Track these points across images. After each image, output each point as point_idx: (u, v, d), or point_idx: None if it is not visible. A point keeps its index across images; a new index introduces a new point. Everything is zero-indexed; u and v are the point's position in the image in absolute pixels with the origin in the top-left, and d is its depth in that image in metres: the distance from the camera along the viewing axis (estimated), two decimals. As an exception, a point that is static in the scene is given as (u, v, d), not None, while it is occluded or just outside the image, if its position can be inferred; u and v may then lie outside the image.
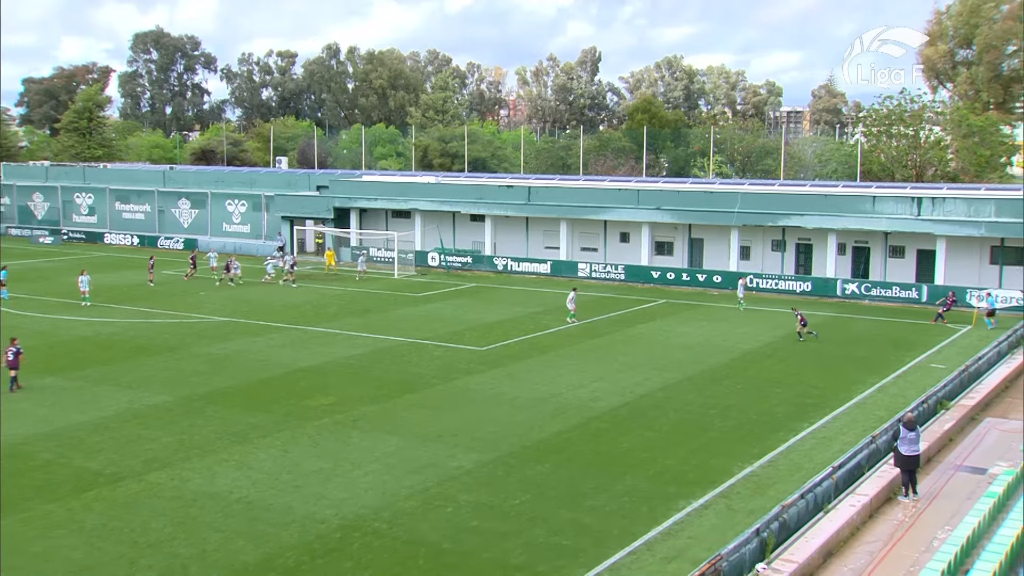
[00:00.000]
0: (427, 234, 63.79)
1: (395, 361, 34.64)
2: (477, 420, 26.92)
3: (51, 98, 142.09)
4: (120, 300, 46.98)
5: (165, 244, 72.72)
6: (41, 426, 25.75)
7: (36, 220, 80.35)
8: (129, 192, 76.96)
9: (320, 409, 27.74)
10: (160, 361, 34.01)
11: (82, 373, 31.79)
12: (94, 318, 42.29)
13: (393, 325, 41.61)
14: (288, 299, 48.95)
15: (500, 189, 62.55)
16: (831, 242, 52.68)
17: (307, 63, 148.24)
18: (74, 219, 79.02)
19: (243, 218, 71.27)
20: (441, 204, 62.84)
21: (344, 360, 34.62)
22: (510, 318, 43.26)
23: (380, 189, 65.96)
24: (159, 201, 74.88)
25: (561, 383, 31.34)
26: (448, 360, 34.77)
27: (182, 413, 27.26)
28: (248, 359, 34.49)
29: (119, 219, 76.70)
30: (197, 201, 73.41)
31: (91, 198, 78.36)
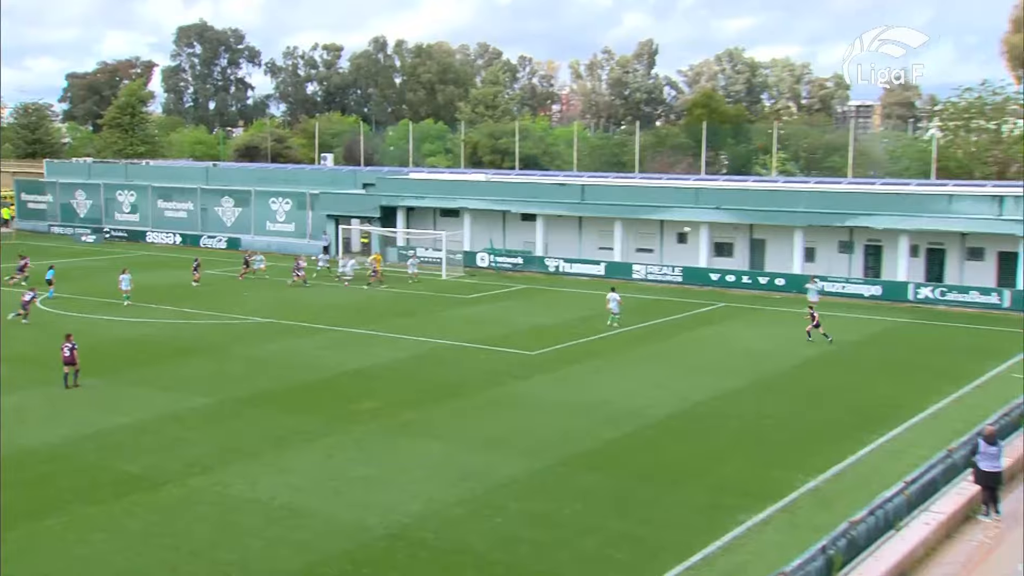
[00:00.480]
0: (477, 234, 63.98)
1: (442, 365, 34.78)
2: (526, 427, 26.93)
3: (94, 93, 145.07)
4: (161, 300, 47.79)
5: (208, 243, 73.83)
6: (82, 428, 26.28)
7: (79, 218, 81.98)
8: (171, 190, 78.29)
9: (365, 413, 27.94)
10: (201, 363, 34.52)
11: (123, 374, 32.36)
12: (134, 319, 43.05)
13: (440, 328, 41.80)
14: (331, 300, 49.38)
15: (552, 187, 62.52)
16: (903, 244, 51.83)
17: (353, 57, 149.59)
18: (116, 217, 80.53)
19: (287, 217, 72.09)
20: (491, 203, 63.00)
21: (389, 363, 34.83)
22: (561, 321, 43.22)
23: (428, 187, 66.31)
24: (202, 199, 76.03)
25: (614, 389, 31.23)
26: (497, 364, 34.82)
27: (223, 416, 27.64)
28: (291, 361, 34.85)
29: (161, 217, 78.03)
30: (240, 199, 74.41)
31: (133, 196, 79.82)
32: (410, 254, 61.12)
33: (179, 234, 75.48)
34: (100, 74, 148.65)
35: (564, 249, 61.68)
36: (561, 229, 62.30)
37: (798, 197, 54.93)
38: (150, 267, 60.36)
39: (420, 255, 63.54)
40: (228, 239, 73.25)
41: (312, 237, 70.37)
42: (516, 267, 61.08)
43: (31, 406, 28.54)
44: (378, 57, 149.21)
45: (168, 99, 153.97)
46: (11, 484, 21.91)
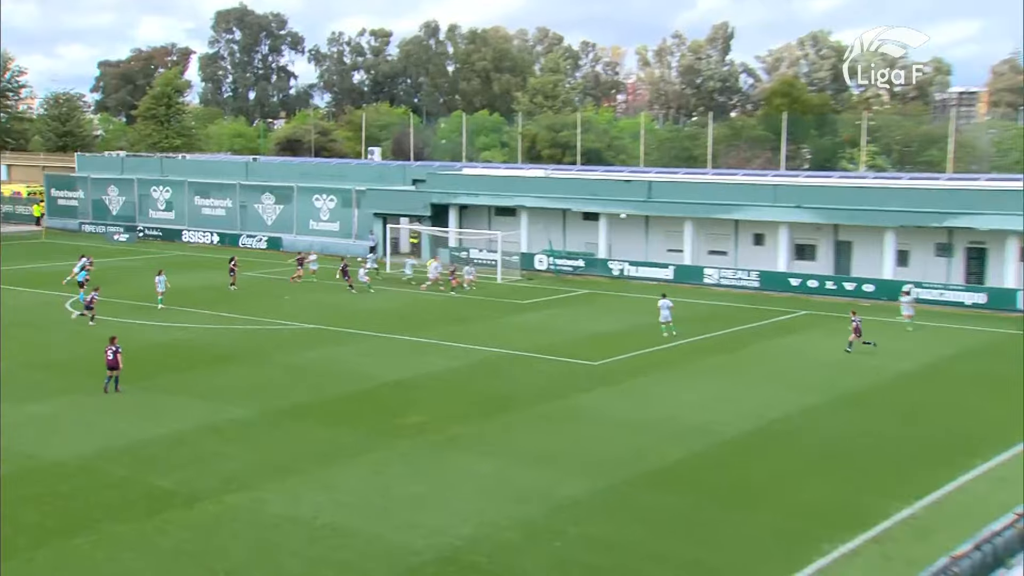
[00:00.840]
0: (535, 234, 64.08)
1: (496, 375, 34.90)
2: (587, 443, 26.89)
3: (128, 83, 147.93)
4: (197, 303, 48.56)
5: (247, 243, 74.90)
6: (114, 439, 26.78)
7: (111, 216, 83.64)
8: (209, 186, 79.58)
9: (413, 427, 28.13)
10: (239, 370, 35.02)
11: (157, 382, 32.93)
12: (169, 323, 43.80)
13: (494, 335, 41.95)
14: (378, 305, 49.79)
15: (617, 184, 62.41)
16: (1011, 247, 50.76)
17: (403, 43, 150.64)
18: (150, 215, 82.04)
19: (331, 215, 72.86)
20: (550, 201, 63.07)
21: (439, 373, 35.03)
22: (626, 329, 43.11)
23: (482, 183, 66.58)
24: (241, 195, 77.14)
25: (683, 403, 31.06)
26: (555, 375, 34.84)
27: (263, 428, 28.00)
28: (334, 370, 35.21)
29: (198, 215, 79.35)
30: (282, 196, 75.39)
31: (168, 192, 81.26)
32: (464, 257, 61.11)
33: (216, 233, 76.71)
34: (134, 62, 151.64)
35: (629, 251, 61.50)
36: (626, 229, 62.12)
37: (890, 194, 54.14)
38: (186, 268, 61.39)
39: (473, 256, 63.78)
40: (268, 239, 74.25)
41: (358, 237, 71.06)
42: (577, 270, 61.07)
43: (63, 415, 29.19)
44: (429, 43, 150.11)
45: (206, 89, 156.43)
46: (40, 499, 22.41)
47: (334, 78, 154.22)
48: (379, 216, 68.75)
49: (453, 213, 66.84)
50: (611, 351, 38.74)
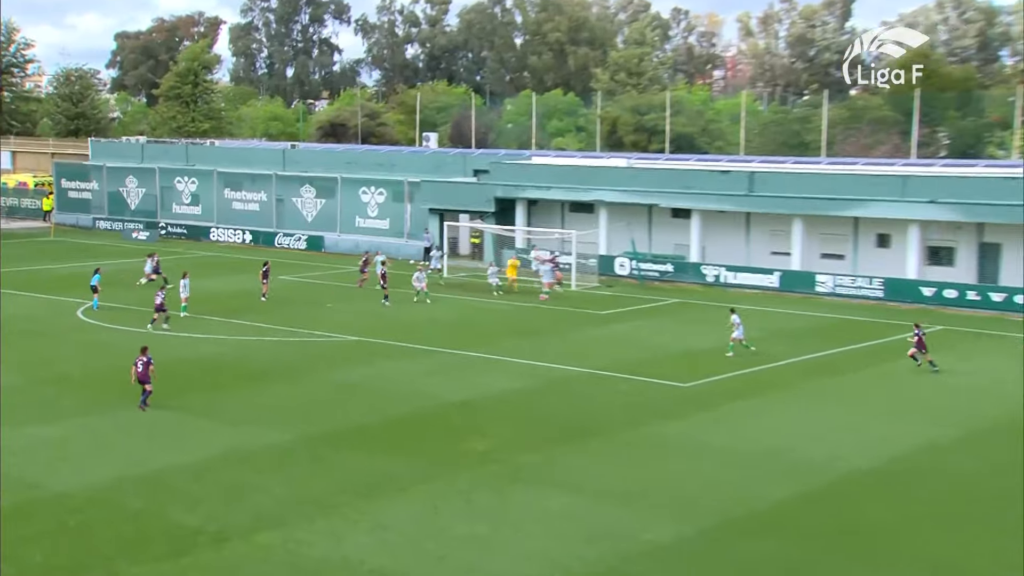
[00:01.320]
0: (615, 233, 64.13)
1: (570, 397, 35.05)
2: (676, 479, 26.92)
3: (149, 57, 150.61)
4: (228, 312, 49.34)
5: (284, 242, 75.99)
6: (132, 467, 27.36)
7: (129, 210, 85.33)
8: (241, 177, 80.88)
9: (474, 455, 28.37)
10: (275, 390, 35.55)
11: (182, 402, 33.56)
12: (196, 334, 44.60)
13: (569, 350, 42.06)
14: (435, 315, 50.22)
15: (713, 175, 62.20)
16: None
17: (464, 12, 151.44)
18: (174, 209, 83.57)
19: (380, 211, 73.59)
20: (634, 195, 63.05)
21: (505, 394, 35.29)
22: (722, 346, 42.94)
23: (555, 175, 66.78)
24: (277, 188, 78.29)
25: (790, 434, 30.91)
26: (639, 398, 34.91)
27: (301, 457, 28.42)
28: (385, 389, 35.59)
29: (228, 210, 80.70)
30: (324, 188, 76.33)
31: (195, 184, 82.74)
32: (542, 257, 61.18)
33: (249, 231, 77.89)
34: (156, 34, 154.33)
35: (727, 254, 61.23)
36: (723, 228, 61.86)
37: (1046, 187, 53.23)
38: (214, 271, 62.38)
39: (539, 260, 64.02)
40: (308, 238, 75.21)
41: (411, 236, 71.68)
42: (664, 276, 60.96)
43: (73, 439, 29.89)
44: (494, 12, 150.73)
45: (237, 65, 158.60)
46: (45, 535, 22.94)
47: (384, 52, 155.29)
48: (435, 212, 69.28)
49: (520, 209, 67.14)
50: (704, 371, 38.65)
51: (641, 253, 62.40)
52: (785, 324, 48.09)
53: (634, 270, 61.60)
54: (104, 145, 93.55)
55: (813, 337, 45.23)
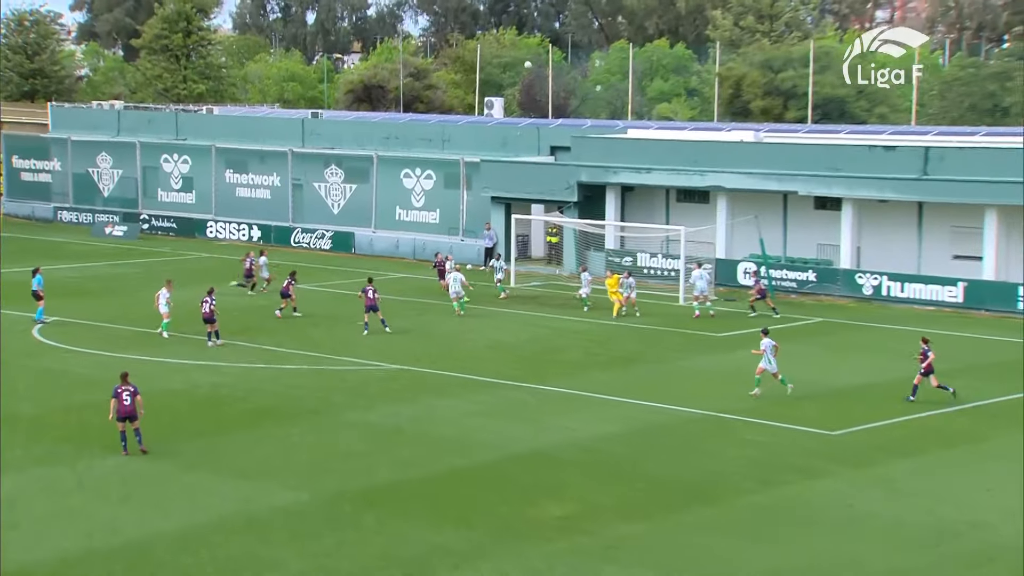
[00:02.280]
0: (738, 230, 63.78)
1: (678, 447, 34.82)
2: (824, 561, 26.57)
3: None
4: (232, 331, 49.39)
5: (303, 240, 76.42)
6: (104, 536, 27.36)
7: (102, 198, 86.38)
8: (247, 155, 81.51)
9: (550, 524, 28.20)
10: (292, 433, 35.56)
11: (169, 449, 33.63)
12: (188, 360, 44.81)
13: (675, 385, 41.87)
14: (499, 336, 50.21)
15: (872, 153, 61.62)
16: None
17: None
18: (160, 197, 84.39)
19: (428, 200, 73.70)
20: (763, 179, 62.56)
21: (591, 442, 35.05)
22: (884, 381, 42.40)
23: (657, 152, 66.49)
24: (294, 169, 78.78)
25: (985, 504, 30.34)
26: (771, 449, 34.58)
27: (322, 521, 28.37)
28: (432, 435, 35.52)
29: (230, 198, 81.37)
30: (355, 170, 76.70)
31: (187, 163, 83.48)
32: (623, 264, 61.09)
33: (257, 225, 78.57)
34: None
35: (890, 257, 60.67)
36: (885, 223, 61.23)
37: None
38: (212, 278, 62.49)
39: (643, 266, 63.72)
40: (334, 235, 75.55)
41: (467, 233, 71.73)
42: (805, 287, 60.52)
43: (27, 498, 29.89)
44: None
45: (243, 8, 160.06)
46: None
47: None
48: (499, 202, 69.34)
49: (612, 197, 66.97)
50: (858, 415, 38.22)
51: (773, 256, 61.95)
52: (972, 354, 47.23)
53: (764, 278, 61.07)
54: (68, 112, 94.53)
55: (1012, 373, 44.43)
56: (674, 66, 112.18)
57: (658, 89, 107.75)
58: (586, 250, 65.81)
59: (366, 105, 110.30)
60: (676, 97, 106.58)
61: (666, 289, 59.54)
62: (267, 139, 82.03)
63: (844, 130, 74.50)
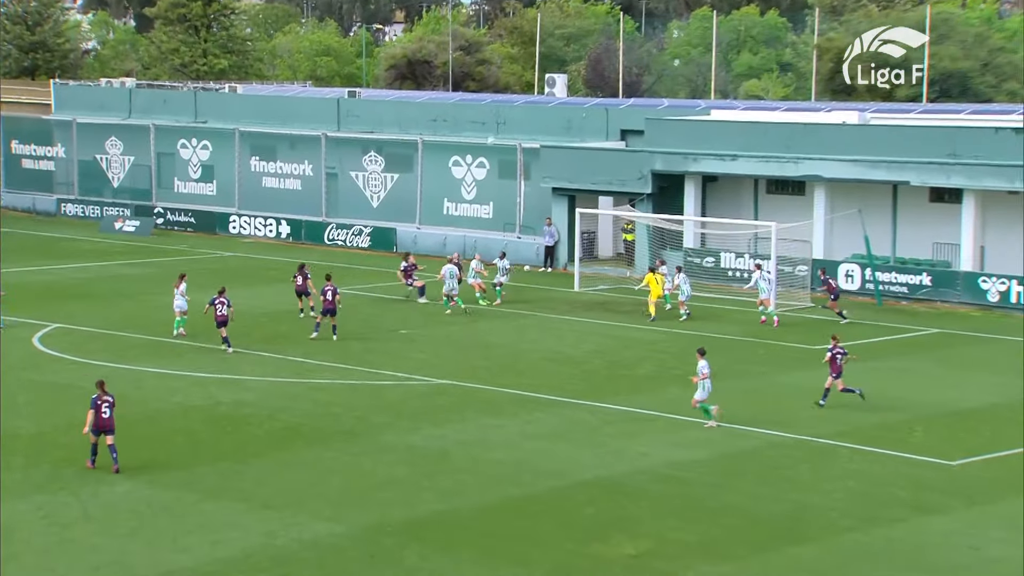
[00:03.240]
0: (839, 226, 63.48)
1: (766, 476, 34.75)
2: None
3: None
4: (254, 340, 49.85)
5: (337, 238, 76.67)
6: (112, 572, 27.56)
7: (111, 188, 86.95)
8: (275, 140, 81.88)
9: (621, 564, 28.22)
10: (324, 458, 35.70)
11: (187, 475, 33.85)
12: (208, 373, 45.06)
13: (763, 404, 41.85)
14: (560, 347, 50.27)
15: (997, 135, 61.15)
16: None
17: None
18: (177, 188, 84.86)
19: (480, 191, 73.74)
20: (870, 167, 62.15)
21: (667, 469, 35.02)
22: (1012, 403, 42.10)
23: (744, 136, 66.23)
24: (328, 157, 78.97)
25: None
26: (876, 480, 34.44)
27: (360, 558, 28.47)
28: (483, 460, 35.58)
29: (256, 189, 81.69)
30: (398, 158, 76.87)
31: (207, 150, 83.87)
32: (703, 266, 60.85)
33: (287, 220, 78.77)
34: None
35: (1020, 259, 60.14)
36: (1015, 219, 60.69)
37: None
38: (238, 280, 62.55)
39: (725, 267, 63.52)
40: (374, 231, 75.72)
41: (524, 229, 71.75)
42: (918, 292, 60.23)
43: (25, 529, 30.04)
44: None
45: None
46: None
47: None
48: (561, 194, 69.35)
49: (692, 188, 66.86)
50: (980, 443, 37.94)
51: (881, 257, 61.67)
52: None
53: (869, 283, 60.78)
54: (74, 91, 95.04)
55: None
56: (765, 37, 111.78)
57: (746, 63, 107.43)
58: (661, 248, 65.59)
59: (410, 83, 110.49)
60: (767, 73, 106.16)
61: (754, 294, 59.33)
62: (298, 122, 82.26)
63: (966, 109, 74.03)
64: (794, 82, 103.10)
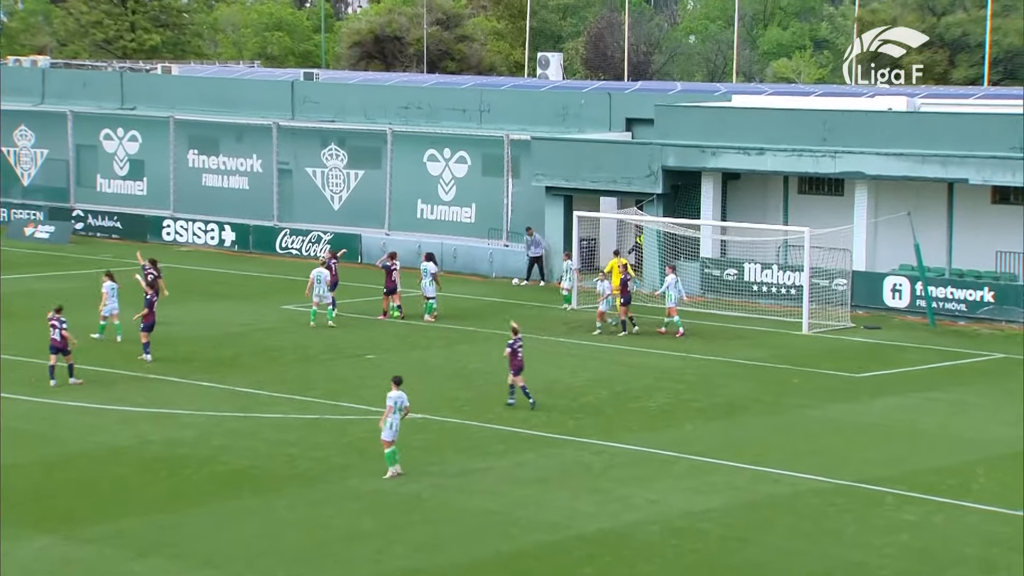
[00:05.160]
0: (885, 232, 63.46)
1: (801, 529, 34.67)
2: None
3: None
4: (194, 368, 49.85)
5: (292, 245, 76.64)
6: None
7: (20, 187, 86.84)
8: (218, 130, 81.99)
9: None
10: (276, 507, 35.56)
11: (111, 528, 33.59)
12: (139, 408, 44.86)
13: (798, 443, 41.85)
14: (552, 374, 50.16)
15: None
16: None
17: None
18: (100, 187, 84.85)
19: (461, 191, 73.77)
20: (920, 163, 62.17)
21: (682, 520, 34.90)
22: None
23: (772, 126, 66.32)
24: (281, 149, 79.06)
25: None
26: (936, 534, 34.38)
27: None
28: (466, 508, 35.50)
29: (195, 189, 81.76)
30: (362, 151, 77.04)
31: (136, 142, 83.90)
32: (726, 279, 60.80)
33: (231, 225, 78.85)
34: None
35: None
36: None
37: None
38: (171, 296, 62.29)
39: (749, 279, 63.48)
40: (334, 238, 75.58)
41: (512, 236, 71.63)
42: (978, 310, 60.27)
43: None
44: None
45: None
46: None
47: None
48: (556, 194, 69.35)
49: (709, 187, 66.93)
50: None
51: (934, 269, 61.69)
52: None
53: (920, 299, 60.73)
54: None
55: None
56: (797, 8, 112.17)
57: (775, 40, 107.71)
58: (674, 257, 65.48)
59: (378, 63, 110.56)
60: (799, 51, 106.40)
61: (784, 312, 59.26)
62: (244, 109, 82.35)
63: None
64: (831, 62, 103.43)
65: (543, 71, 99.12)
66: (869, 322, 59.26)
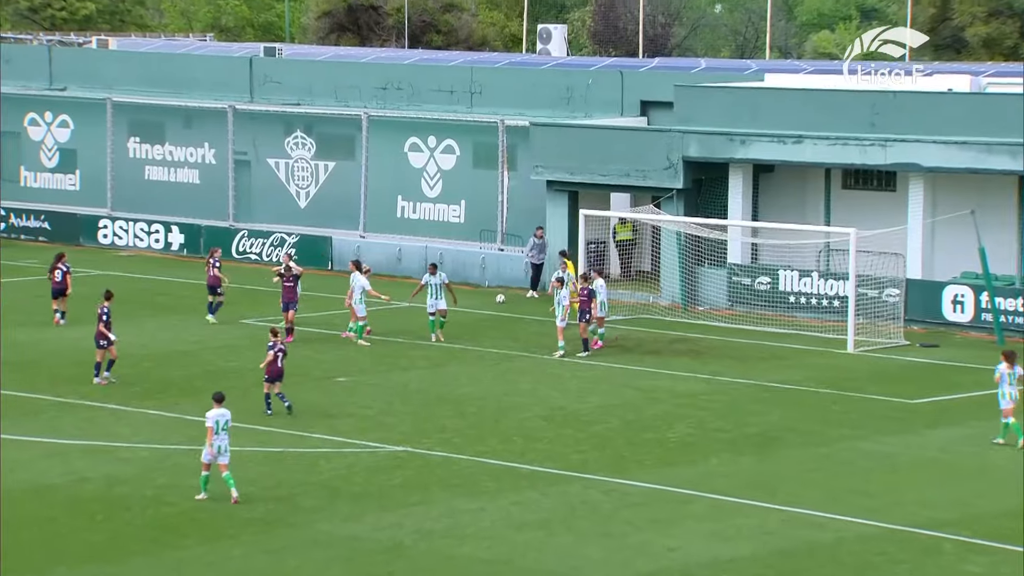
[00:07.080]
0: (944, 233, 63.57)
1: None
2: None
3: None
4: (135, 393, 50.01)
5: (250, 249, 76.77)
6: None
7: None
8: (165, 114, 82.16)
9: None
10: (233, 555, 35.58)
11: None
12: (72, 440, 44.92)
13: (843, 481, 41.87)
14: (556, 400, 50.36)
15: None
16: None
17: None
18: (25, 181, 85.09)
19: (447, 186, 73.90)
20: (985, 153, 62.24)
21: (706, 570, 34.85)
22: None
23: (811, 110, 66.50)
24: (237, 137, 79.25)
25: None
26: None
27: None
28: (455, 556, 35.45)
29: (137, 184, 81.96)
30: (333, 139, 77.27)
31: (68, 128, 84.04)
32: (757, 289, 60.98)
33: (179, 226, 78.96)
34: None
35: None
36: None
37: None
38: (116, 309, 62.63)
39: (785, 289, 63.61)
40: (301, 240, 75.80)
41: (509, 238, 71.71)
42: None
43: None
44: None
45: None
46: None
47: None
48: (559, 189, 69.59)
49: (739, 183, 67.17)
50: None
51: (1003, 277, 61.81)
52: None
53: (987, 311, 60.83)
54: None
55: None
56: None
57: (814, 9, 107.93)
58: (698, 264, 65.60)
59: (351, 37, 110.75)
60: (843, 22, 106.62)
61: (826, 327, 59.39)
62: (195, 90, 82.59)
63: None
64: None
65: (544, 46, 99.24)
66: (926, 339, 59.47)
